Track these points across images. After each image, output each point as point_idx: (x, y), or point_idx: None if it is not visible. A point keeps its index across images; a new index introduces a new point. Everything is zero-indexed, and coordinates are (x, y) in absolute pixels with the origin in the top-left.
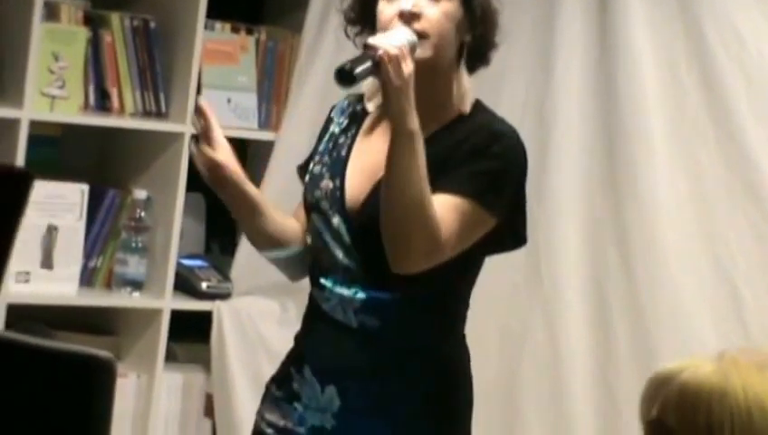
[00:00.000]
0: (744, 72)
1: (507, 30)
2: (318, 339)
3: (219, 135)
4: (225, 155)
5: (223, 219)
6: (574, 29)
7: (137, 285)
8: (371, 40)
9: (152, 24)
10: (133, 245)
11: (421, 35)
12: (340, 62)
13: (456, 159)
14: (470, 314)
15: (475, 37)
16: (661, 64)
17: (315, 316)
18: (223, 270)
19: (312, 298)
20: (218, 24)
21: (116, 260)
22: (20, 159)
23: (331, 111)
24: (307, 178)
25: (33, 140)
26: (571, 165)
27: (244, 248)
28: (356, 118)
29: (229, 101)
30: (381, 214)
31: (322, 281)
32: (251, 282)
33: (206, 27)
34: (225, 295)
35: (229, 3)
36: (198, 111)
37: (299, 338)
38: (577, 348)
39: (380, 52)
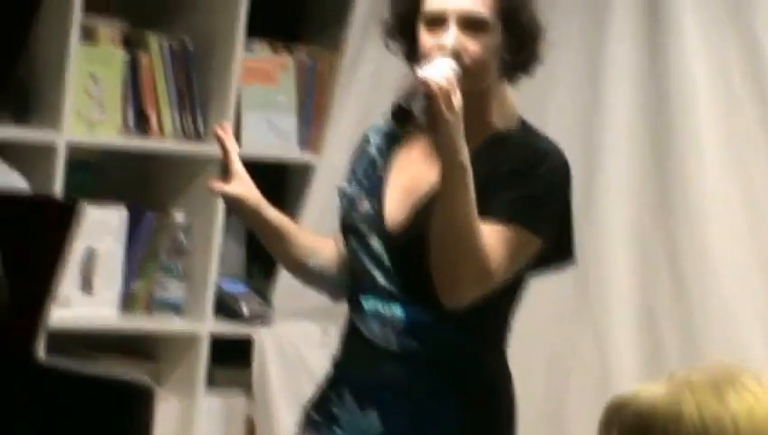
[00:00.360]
0: None
1: (554, 43)
2: (357, 362)
3: (236, 164)
4: (241, 186)
5: None
6: (624, 42)
7: (176, 308)
8: (422, 73)
9: (190, 45)
10: (173, 268)
11: (463, 70)
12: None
13: (499, 181)
14: (516, 339)
15: (519, 57)
16: (713, 77)
17: (354, 339)
18: (264, 294)
19: (350, 321)
20: (257, 44)
21: (155, 284)
22: (58, 184)
23: (367, 131)
24: (345, 199)
25: (72, 164)
26: (620, 184)
27: (286, 272)
28: (394, 139)
29: (269, 122)
30: (431, 247)
31: (362, 303)
32: (292, 305)
33: (244, 47)
34: (266, 319)
35: (268, 21)
36: (216, 139)
37: (337, 361)
38: (628, 372)
39: (432, 86)
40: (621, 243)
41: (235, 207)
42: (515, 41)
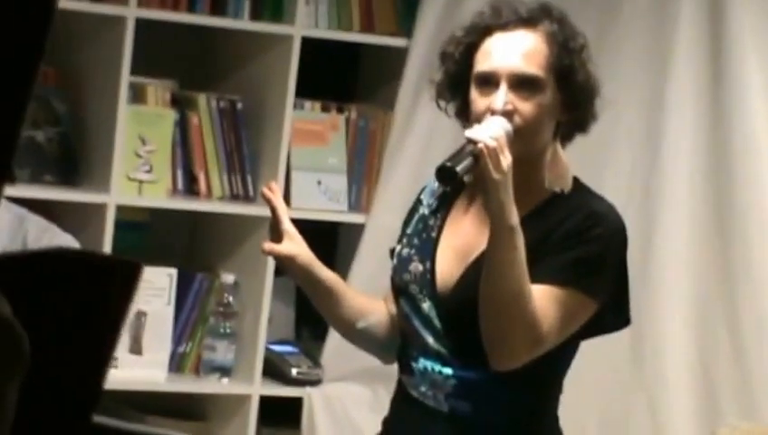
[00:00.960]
0: None
1: (611, 100)
2: (407, 426)
3: (285, 223)
4: (292, 244)
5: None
6: (685, 104)
7: (225, 371)
8: (469, 133)
9: (239, 105)
10: (221, 330)
11: (515, 130)
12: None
13: (553, 244)
14: (569, 398)
15: (574, 116)
16: None
17: (404, 402)
18: (313, 356)
19: (400, 384)
20: (308, 103)
21: (204, 346)
22: (107, 245)
23: (420, 192)
24: (395, 260)
25: (121, 225)
26: (679, 242)
27: (335, 334)
28: (446, 199)
29: (319, 183)
30: (480, 310)
31: (412, 366)
32: (342, 368)
33: (294, 107)
34: (315, 382)
35: (319, 80)
36: (264, 199)
37: (387, 424)
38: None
39: (480, 145)
40: (679, 309)
41: (287, 265)
42: (570, 100)
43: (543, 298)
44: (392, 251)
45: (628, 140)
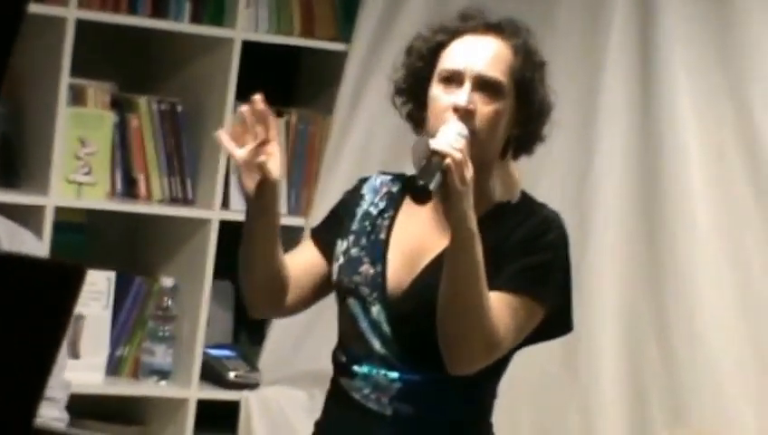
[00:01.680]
0: None
1: (558, 123)
2: (347, 429)
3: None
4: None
5: None
6: (616, 109)
7: (163, 374)
8: (435, 145)
9: (180, 108)
10: (160, 334)
11: (471, 132)
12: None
13: (506, 252)
14: (503, 408)
15: (525, 132)
16: (706, 145)
17: (343, 406)
18: (251, 360)
19: (338, 387)
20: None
21: (143, 349)
22: (45, 246)
23: (361, 184)
24: (342, 260)
25: (59, 227)
26: (610, 250)
27: (273, 337)
28: (393, 199)
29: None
30: (440, 315)
31: (355, 369)
32: (279, 372)
33: (234, 110)
34: (252, 385)
35: (259, 84)
36: (256, 115)
37: (321, 426)
38: None
39: (448, 161)
40: (610, 313)
41: (269, 187)
42: (525, 114)
43: (499, 304)
44: (315, 231)
45: (559, 150)
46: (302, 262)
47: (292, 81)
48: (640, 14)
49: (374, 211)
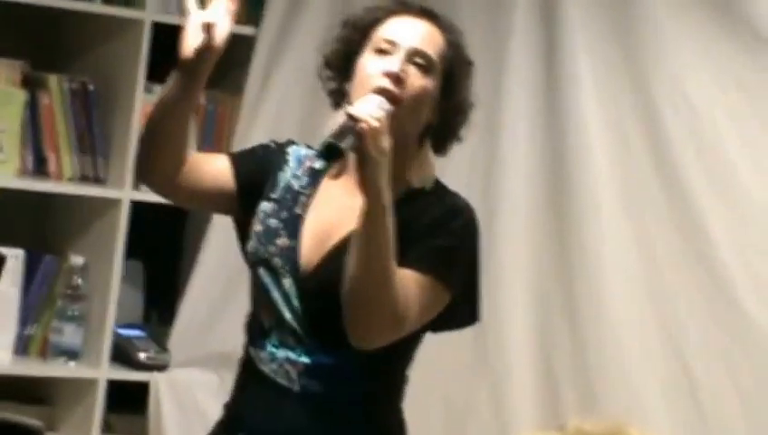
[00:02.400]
0: (695, 137)
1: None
2: (256, 403)
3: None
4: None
5: (162, 288)
6: (521, 90)
7: (72, 354)
8: (351, 110)
9: (91, 87)
10: (69, 313)
11: (395, 101)
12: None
13: (415, 233)
14: (414, 391)
15: (445, 123)
16: (609, 126)
17: (252, 379)
18: (161, 341)
19: (249, 360)
20: (158, 87)
21: (51, 328)
22: None
23: (288, 145)
24: (260, 228)
25: None
26: (518, 235)
27: (183, 318)
28: (315, 175)
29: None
30: (346, 287)
31: (264, 342)
32: (189, 353)
33: (145, 90)
34: (162, 367)
35: (169, 65)
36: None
37: (231, 404)
38: (524, 423)
39: (362, 124)
40: (520, 298)
41: (208, 53)
42: (447, 104)
43: (406, 282)
44: (233, 157)
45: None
46: (211, 162)
47: None
48: (543, 8)
49: (296, 185)
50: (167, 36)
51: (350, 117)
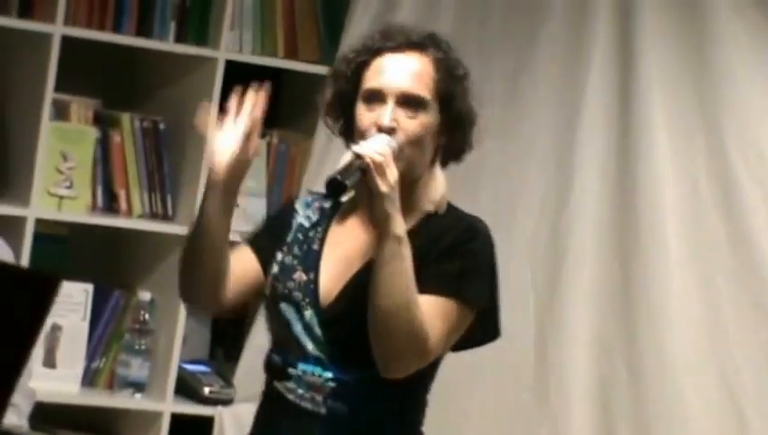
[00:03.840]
0: (763, 186)
1: (527, 134)
2: (285, 432)
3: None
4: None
5: (228, 325)
6: (593, 130)
7: (138, 387)
8: (356, 148)
9: (162, 125)
10: (136, 347)
11: (399, 148)
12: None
13: (434, 258)
14: (476, 429)
15: (452, 141)
16: (681, 181)
17: (278, 411)
18: (226, 376)
19: (273, 394)
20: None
21: (119, 362)
22: (25, 258)
23: (292, 202)
24: (276, 268)
25: (40, 239)
26: (585, 282)
27: (249, 354)
28: (325, 213)
29: (237, 205)
30: (370, 319)
31: (289, 371)
32: (253, 388)
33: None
34: (227, 401)
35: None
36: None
37: (256, 432)
38: None
39: (367, 160)
40: (582, 343)
41: (241, 167)
42: (450, 124)
43: (428, 308)
44: (249, 239)
45: (536, 183)
46: (242, 263)
47: (275, 102)
48: (620, 51)
49: (307, 224)
50: (240, 76)
51: (357, 155)
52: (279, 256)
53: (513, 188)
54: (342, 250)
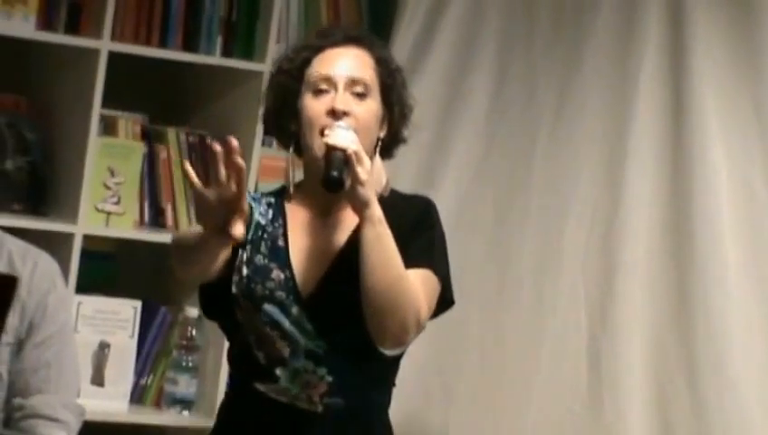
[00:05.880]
0: None
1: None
2: (276, 432)
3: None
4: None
5: None
6: (645, 142)
7: (187, 404)
8: (331, 141)
9: (209, 140)
10: (184, 364)
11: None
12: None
13: (406, 234)
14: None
15: (390, 133)
16: (736, 182)
17: (267, 414)
18: None
19: (254, 397)
20: (275, 140)
21: (166, 379)
22: (73, 274)
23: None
24: (247, 269)
25: (88, 256)
26: (639, 291)
27: None
28: (277, 208)
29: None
30: (366, 300)
31: (276, 372)
32: None
33: (263, 143)
34: None
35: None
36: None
37: None
38: None
39: (349, 151)
40: (639, 356)
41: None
42: (390, 117)
43: (414, 280)
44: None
45: (587, 191)
46: None
47: None
48: (671, 57)
49: (263, 221)
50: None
51: (332, 147)
52: (244, 255)
53: (562, 201)
54: (308, 241)
